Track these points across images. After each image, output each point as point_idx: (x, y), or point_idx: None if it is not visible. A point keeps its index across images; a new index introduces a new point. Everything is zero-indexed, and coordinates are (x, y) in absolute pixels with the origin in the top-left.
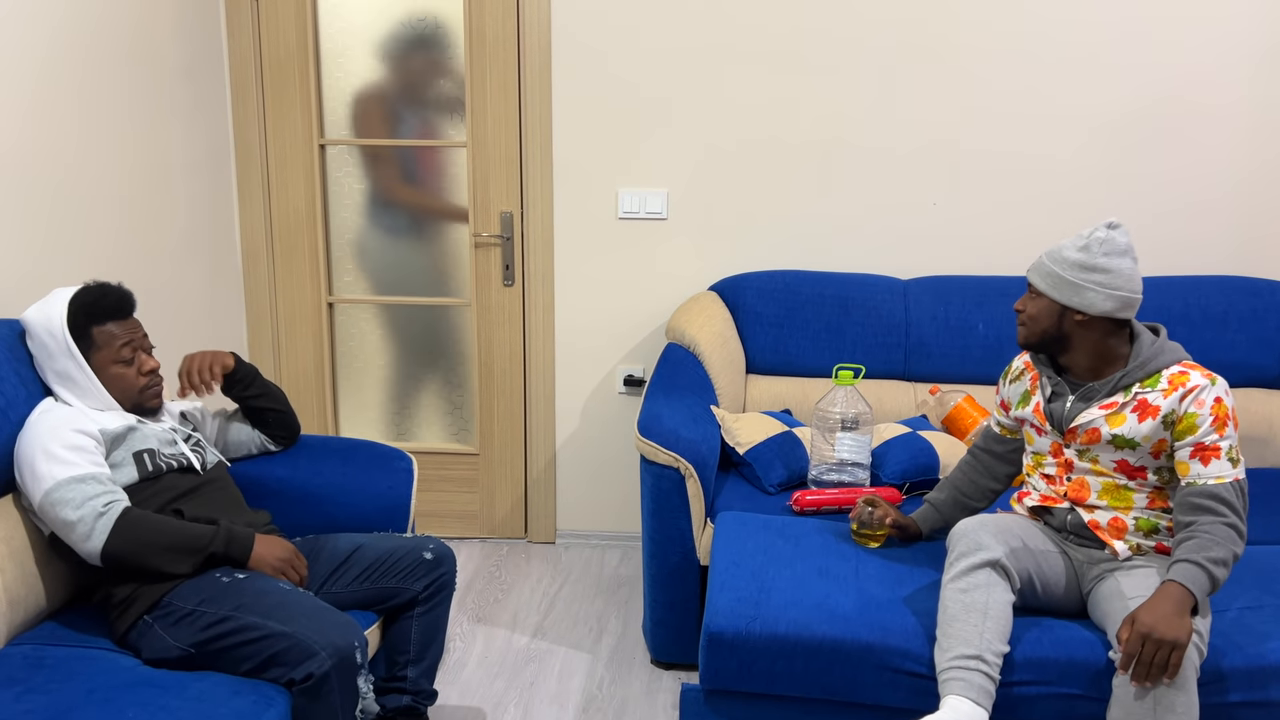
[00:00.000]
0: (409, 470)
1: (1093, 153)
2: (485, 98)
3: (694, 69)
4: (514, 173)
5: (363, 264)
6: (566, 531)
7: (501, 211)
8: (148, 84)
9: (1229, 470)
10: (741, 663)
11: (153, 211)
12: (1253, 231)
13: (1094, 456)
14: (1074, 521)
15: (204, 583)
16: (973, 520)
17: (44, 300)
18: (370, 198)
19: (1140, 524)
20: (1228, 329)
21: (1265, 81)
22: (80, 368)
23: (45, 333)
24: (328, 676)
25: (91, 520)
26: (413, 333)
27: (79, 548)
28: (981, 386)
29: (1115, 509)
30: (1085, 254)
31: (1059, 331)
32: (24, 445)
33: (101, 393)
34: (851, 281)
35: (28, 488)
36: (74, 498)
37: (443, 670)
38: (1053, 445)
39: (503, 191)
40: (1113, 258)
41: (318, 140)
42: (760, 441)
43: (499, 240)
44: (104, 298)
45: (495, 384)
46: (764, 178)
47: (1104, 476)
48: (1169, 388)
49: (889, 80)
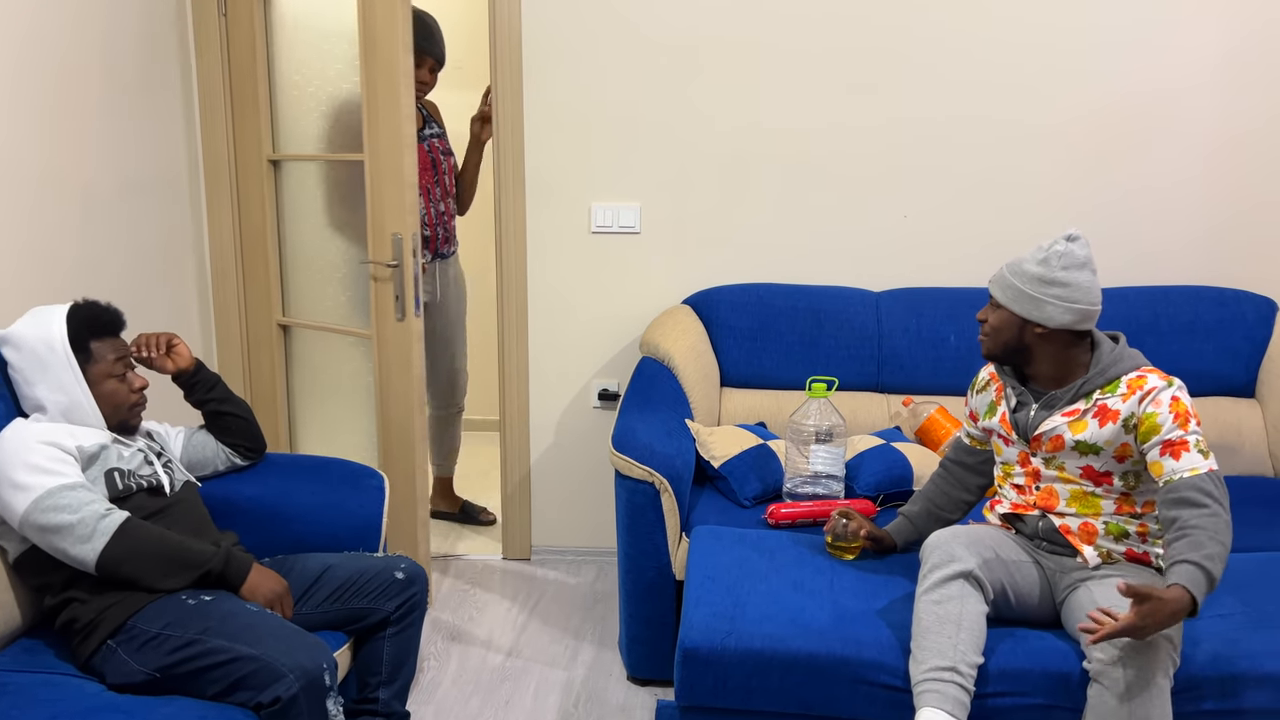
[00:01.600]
0: (380, 488)
1: (1062, 164)
2: (378, 109)
3: (664, 84)
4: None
5: (309, 287)
6: (541, 548)
7: (393, 234)
8: (115, 100)
9: (1202, 462)
10: (717, 678)
11: (120, 229)
12: (1220, 241)
13: (1060, 464)
14: (1045, 527)
15: (169, 605)
16: (945, 532)
17: (31, 317)
18: (323, 216)
19: (1110, 528)
20: (1195, 338)
21: (1232, 92)
22: (78, 381)
23: (43, 346)
24: (295, 699)
25: (93, 523)
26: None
27: (72, 551)
28: (954, 398)
29: (1084, 515)
30: (1044, 268)
31: (1020, 343)
32: (1, 454)
33: (93, 408)
34: (824, 294)
35: (6, 500)
36: (70, 503)
37: (417, 689)
38: (1020, 455)
39: (397, 211)
40: (1071, 271)
41: (268, 155)
42: (735, 455)
43: (391, 269)
44: (103, 313)
45: (393, 426)
46: (736, 191)
47: (1071, 484)
48: (1127, 391)
49: (858, 94)
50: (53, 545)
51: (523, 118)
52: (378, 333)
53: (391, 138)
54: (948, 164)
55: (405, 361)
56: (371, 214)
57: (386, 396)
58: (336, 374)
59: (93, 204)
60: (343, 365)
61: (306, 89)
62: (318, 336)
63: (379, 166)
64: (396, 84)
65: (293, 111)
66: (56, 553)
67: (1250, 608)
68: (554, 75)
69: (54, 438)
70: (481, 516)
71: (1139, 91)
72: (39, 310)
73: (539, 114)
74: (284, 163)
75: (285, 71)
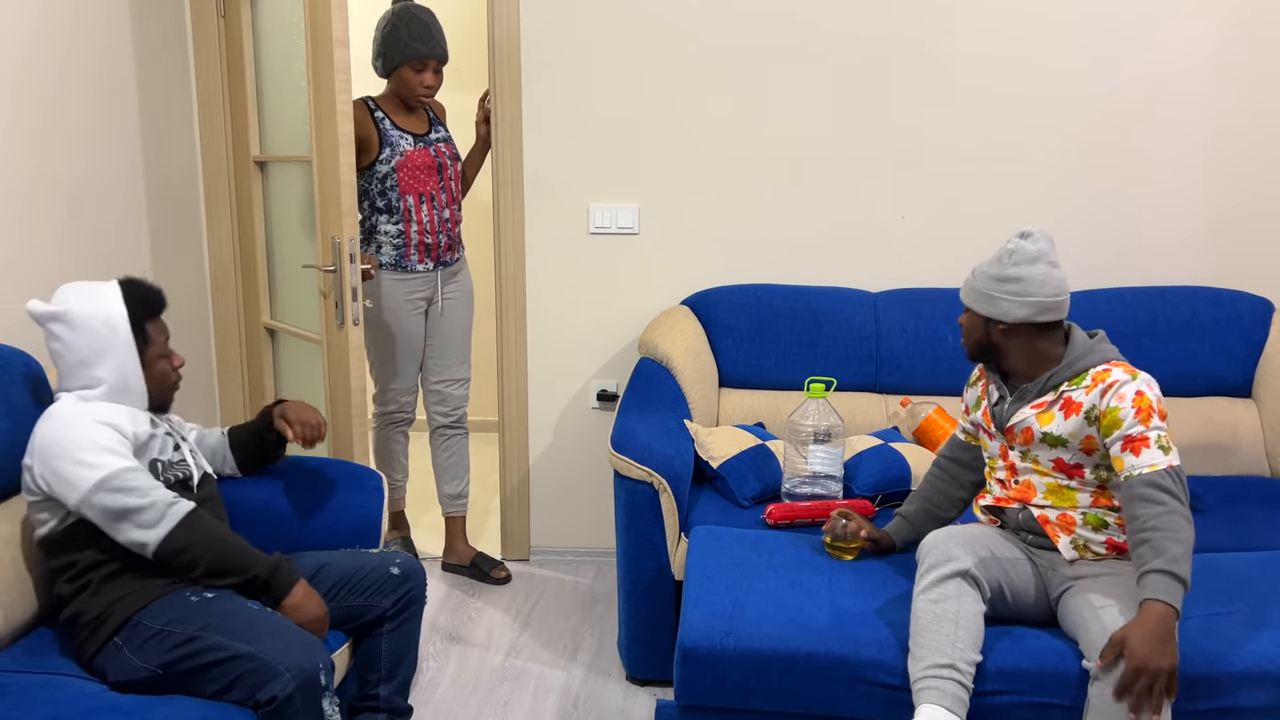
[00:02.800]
0: (379, 488)
1: (1063, 166)
2: (320, 105)
3: (662, 85)
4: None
5: (292, 289)
6: (540, 548)
7: (333, 238)
8: (115, 102)
9: (1161, 458)
10: (716, 678)
11: (120, 230)
12: (1217, 241)
13: (1034, 456)
14: (1025, 518)
15: (173, 601)
16: (941, 532)
17: (81, 295)
18: (303, 218)
19: (1088, 519)
20: (1192, 338)
21: (1231, 90)
22: (135, 362)
23: (105, 326)
24: (291, 698)
25: (162, 508)
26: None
27: (133, 534)
28: (951, 398)
29: (1061, 506)
30: (998, 266)
31: (988, 341)
32: (61, 436)
33: (142, 389)
34: (822, 294)
35: (69, 475)
36: (139, 485)
37: (416, 690)
38: (1001, 448)
39: (335, 213)
40: (1022, 266)
41: (254, 156)
42: (733, 455)
43: (331, 273)
44: (153, 294)
45: (340, 437)
46: (734, 192)
47: (1046, 476)
48: (1091, 384)
49: (856, 95)
50: (113, 525)
51: (521, 119)
52: (325, 340)
53: (329, 135)
54: (945, 165)
55: (344, 372)
56: (319, 216)
57: (335, 407)
58: (313, 378)
59: (92, 205)
60: (316, 369)
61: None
62: (295, 340)
63: (323, 166)
64: (332, 79)
65: (289, 112)
66: (115, 531)
67: (1248, 607)
68: (552, 76)
69: (114, 419)
70: (495, 574)
71: (1136, 87)
72: (83, 288)
73: (537, 115)
74: (272, 165)
75: (278, 71)
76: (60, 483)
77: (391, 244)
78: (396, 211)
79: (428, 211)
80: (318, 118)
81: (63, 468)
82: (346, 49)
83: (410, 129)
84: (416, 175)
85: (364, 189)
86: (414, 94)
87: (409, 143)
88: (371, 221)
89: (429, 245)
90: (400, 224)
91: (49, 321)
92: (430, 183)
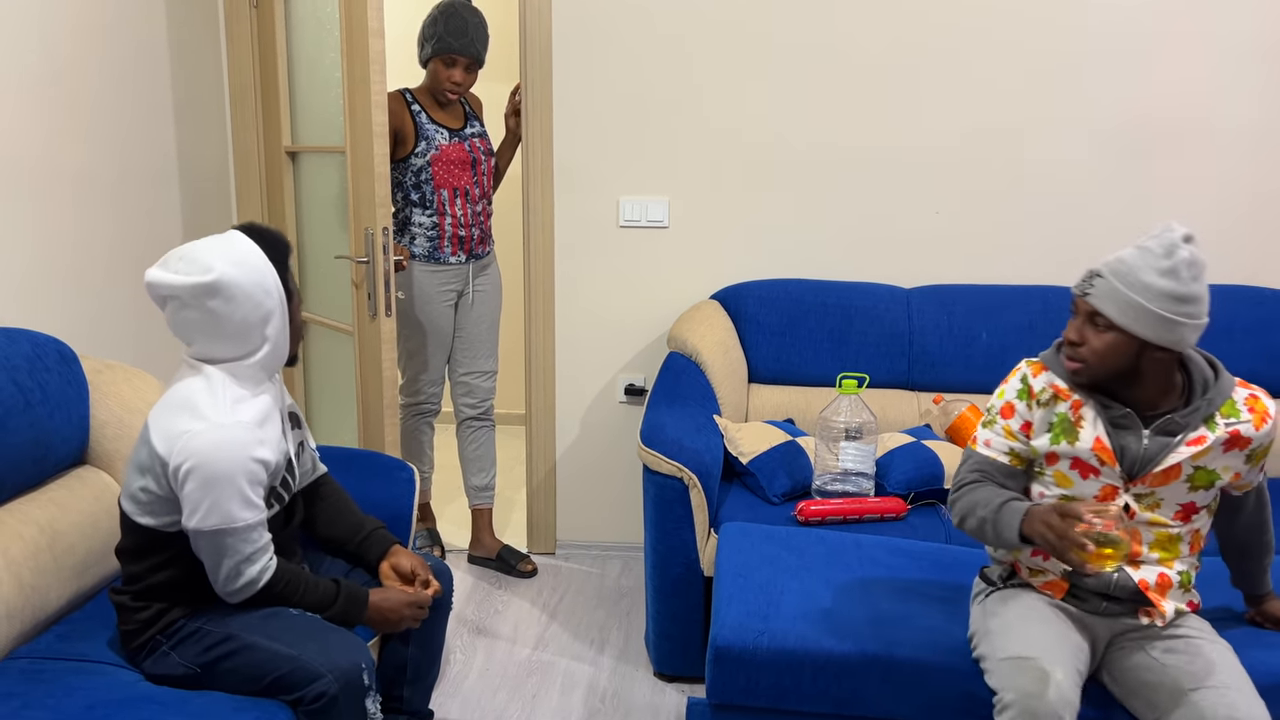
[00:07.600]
0: (410, 480)
1: (1098, 161)
2: (355, 96)
3: (696, 79)
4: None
5: (325, 279)
6: (566, 542)
7: (366, 229)
8: (149, 91)
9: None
10: (749, 677)
11: (153, 220)
12: (1258, 241)
13: (1157, 500)
14: (1119, 584)
15: (215, 602)
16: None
17: (227, 259)
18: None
19: (1183, 578)
20: (1233, 338)
21: (1273, 92)
22: (286, 320)
23: (261, 291)
24: (335, 700)
25: (245, 585)
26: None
27: (213, 577)
28: (985, 396)
29: (1162, 563)
30: (1174, 281)
31: (1134, 368)
32: (227, 463)
33: (285, 353)
34: (854, 290)
35: (198, 503)
36: (245, 551)
37: (444, 683)
38: (1105, 489)
39: (369, 204)
40: (1200, 282)
41: (286, 146)
42: (764, 451)
43: (363, 264)
44: (282, 243)
45: (371, 429)
46: (766, 186)
47: (1159, 526)
48: (1251, 415)
49: (892, 89)
50: (206, 559)
51: (551, 111)
52: (358, 331)
53: (363, 126)
54: (979, 160)
55: (376, 363)
56: (352, 207)
57: (367, 398)
58: (345, 368)
59: (129, 196)
60: (348, 360)
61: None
62: (327, 331)
63: (357, 156)
64: (367, 70)
65: (321, 103)
66: (209, 563)
67: None
68: (583, 69)
69: (264, 454)
70: (521, 567)
71: (1181, 91)
72: (214, 248)
73: (568, 107)
74: (304, 156)
75: (310, 62)
76: (199, 503)
77: (426, 236)
78: (430, 205)
79: (461, 205)
80: (352, 109)
81: (194, 491)
82: (382, 40)
83: (446, 123)
84: (451, 170)
85: (398, 181)
86: (441, 88)
87: (444, 137)
88: (406, 213)
89: (462, 238)
90: (435, 216)
91: (208, 298)
92: (464, 177)
